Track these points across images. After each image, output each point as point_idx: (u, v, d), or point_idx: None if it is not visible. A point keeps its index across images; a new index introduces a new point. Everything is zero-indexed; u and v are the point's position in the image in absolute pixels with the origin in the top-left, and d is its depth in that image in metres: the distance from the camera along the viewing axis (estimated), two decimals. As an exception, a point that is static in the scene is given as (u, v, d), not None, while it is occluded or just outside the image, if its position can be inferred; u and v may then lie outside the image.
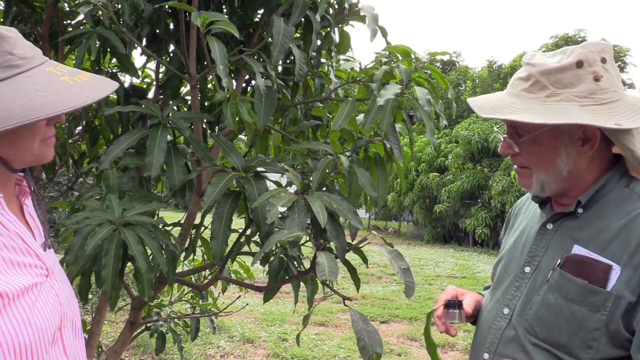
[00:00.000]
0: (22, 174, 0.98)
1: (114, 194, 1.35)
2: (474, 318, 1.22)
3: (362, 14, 1.77)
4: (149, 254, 1.29)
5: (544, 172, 1.04)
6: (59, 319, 0.89)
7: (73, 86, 0.83)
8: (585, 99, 0.97)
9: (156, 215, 1.48)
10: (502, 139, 1.10)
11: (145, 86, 2.15)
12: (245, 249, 1.72)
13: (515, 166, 1.11)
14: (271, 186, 1.46)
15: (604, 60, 1.00)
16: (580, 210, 1.03)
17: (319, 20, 1.66)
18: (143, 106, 1.46)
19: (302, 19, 1.60)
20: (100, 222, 1.23)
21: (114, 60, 1.81)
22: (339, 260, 1.28)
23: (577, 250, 0.99)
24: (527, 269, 1.08)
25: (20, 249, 0.87)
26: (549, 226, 1.08)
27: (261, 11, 1.83)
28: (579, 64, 0.98)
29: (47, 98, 0.79)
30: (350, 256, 1.39)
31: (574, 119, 0.94)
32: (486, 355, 1.09)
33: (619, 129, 0.96)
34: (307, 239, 1.40)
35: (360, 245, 1.38)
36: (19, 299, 0.81)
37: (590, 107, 0.97)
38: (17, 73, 0.80)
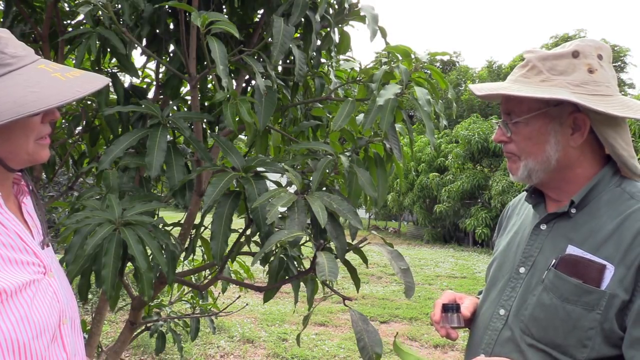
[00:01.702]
0: (20, 173, 0.98)
1: (114, 194, 1.35)
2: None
3: (362, 14, 1.77)
4: (149, 254, 1.29)
5: (533, 159, 1.06)
6: (58, 316, 0.90)
7: (64, 82, 0.84)
8: (578, 87, 1.01)
9: (156, 215, 1.48)
10: (497, 127, 1.12)
11: (145, 86, 2.15)
12: (245, 249, 1.72)
13: (505, 153, 1.13)
14: (271, 186, 1.46)
15: (600, 57, 1.03)
16: (573, 211, 1.04)
17: (319, 20, 1.66)
18: (143, 106, 1.46)
19: (302, 19, 1.60)
20: (100, 222, 1.23)
21: (114, 60, 1.81)
22: (339, 260, 1.28)
23: (572, 250, 1.00)
24: (522, 270, 1.09)
25: (18, 247, 0.87)
26: (543, 227, 1.09)
27: (261, 11, 1.83)
28: (575, 54, 1.02)
29: (39, 93, 0.80)
30: (350, 256, 1.39)
31: (564, 96, 0.97)
32: (482, 356, 1.09)
33: (607, 117, 0.99)
34: (307, 239, 1.40)
35: (360, 245, 1.38)
36: (16, 295, 0.81)
37: (582, 95, 1.00)
38: (9, 71, 0.81)
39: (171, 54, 1.81)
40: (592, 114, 1.00)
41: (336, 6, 1.82)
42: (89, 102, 1.95)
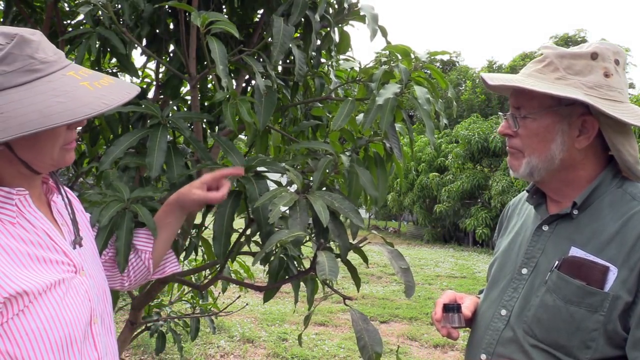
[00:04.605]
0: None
1: (120, 182, 1.36)
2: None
3: (362, 13, 1.77)
4: None
5: (537, 156, 1.05)
6: (89, 315, 0.90)
7: (92, 92, 0.82)
8: (592, 89, 1.00)
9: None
10: (504, 119, 1.11)
11: (145, 86, 2.15)
12: (246, 248, 1.72)
13: (508, 148, 1.12)
14: (272, 186, 1.46)
15: (617, 62, 1.03)
16: (575, 212, 1.04)
17: (319, 20, 1.66)
18: (143, 106, 1.46)
19: (302, 19, 1.60)
20: (112, 200, 1.25)
21: (114, 60, 1.81)
22: (339, 259, 1.28)
23: (575, 252, 1.00)
24: (524, 271, 1.09)
25: (47, 246, 0.88)
26: (545, 228, 1.09)
27: (261, 11, 1.83)
28: (594, 56, 1.01)
29: (65, 104, 0.78)
30: (351, 256, 1.39)
31: (579, 97, 0.97)
32: (483, 356, 1.09)
33: (617, 123, 0.99)
34: (308, 238, 1.40)
35: (360, 245, 1.38)
36: (45, 294, 0.82)
37: (595, 98, 0.99)
38: (37, 77, 0.80)
39: (171, 54, 1.81)
40: (602, 118, 0.99)
41: (336, 6, 1.82)
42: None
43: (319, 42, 1.79)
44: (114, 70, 1.90)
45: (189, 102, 1.82)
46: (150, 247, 1.23)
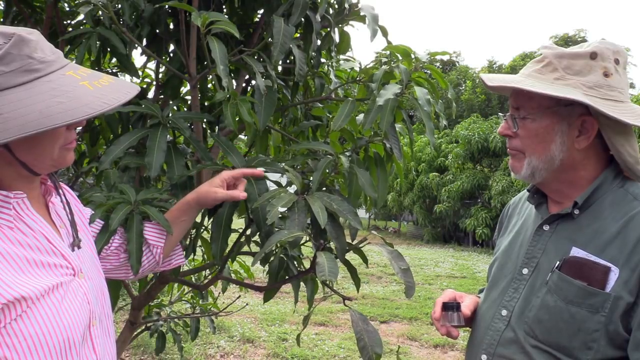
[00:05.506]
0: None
1: (126, 185, 1.36)
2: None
3: (362, 14, 1.77)
4: None
5: (537, 157, 1.05)
6: (88, 317, 0.89)
7: (92, 91, 0.81)
8: (591, 89, 0.99)
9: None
10: (504, 120, 1.11)
11: (145, 86, 2.15)
12: (246, 248, 1.72)
13: (509, 149, 1.12)
14: (271, 186, 1.46)
15: (617, 62, 1.02)
16: (576, 212, 1.04)
17: (319, 20, 1.66)
18: (143, 106, 1.46)
19: (302, 19, 1.60)
20: (119, 202, 1.25)
21: (114, 60, 1.81)
22: (338, 260, 1.28)
23: (576, 252, 1.00)
24: (525, 271, 1.09)
25: (45, 249, 0.87)
26: (545, 227, 1.08)
27: (261, 11, 1.83)
28: (593, 55, 1.00)
29: (65, 104, 0.77)
30: (350, 256, 1.39)
31: (577, 97, 0.96)
32: (484, 357, 1.09)
33: (616, 123, 0.98)
34: (307, 239, 1.40)
35: (360, 245, 1.38)
36: (44, 299, 0.81)
37: (595, 98, 0.99)
38: (36, 77, 0.79)
39: (171, 54, 1.81)
40: (601, 119, 0.99)
41: (336, 6, 1.82)
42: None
43: (319, 42, 1.79)
44: (114, 70, 1.90)
45: (189, 102, 1.82)
46: (162, 243, 1.25)
